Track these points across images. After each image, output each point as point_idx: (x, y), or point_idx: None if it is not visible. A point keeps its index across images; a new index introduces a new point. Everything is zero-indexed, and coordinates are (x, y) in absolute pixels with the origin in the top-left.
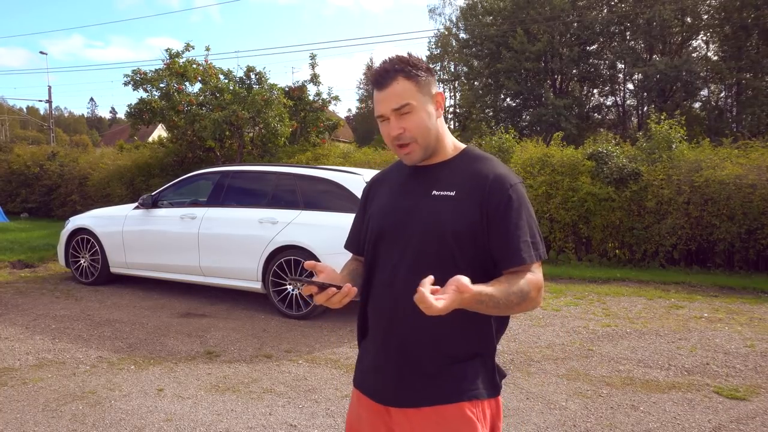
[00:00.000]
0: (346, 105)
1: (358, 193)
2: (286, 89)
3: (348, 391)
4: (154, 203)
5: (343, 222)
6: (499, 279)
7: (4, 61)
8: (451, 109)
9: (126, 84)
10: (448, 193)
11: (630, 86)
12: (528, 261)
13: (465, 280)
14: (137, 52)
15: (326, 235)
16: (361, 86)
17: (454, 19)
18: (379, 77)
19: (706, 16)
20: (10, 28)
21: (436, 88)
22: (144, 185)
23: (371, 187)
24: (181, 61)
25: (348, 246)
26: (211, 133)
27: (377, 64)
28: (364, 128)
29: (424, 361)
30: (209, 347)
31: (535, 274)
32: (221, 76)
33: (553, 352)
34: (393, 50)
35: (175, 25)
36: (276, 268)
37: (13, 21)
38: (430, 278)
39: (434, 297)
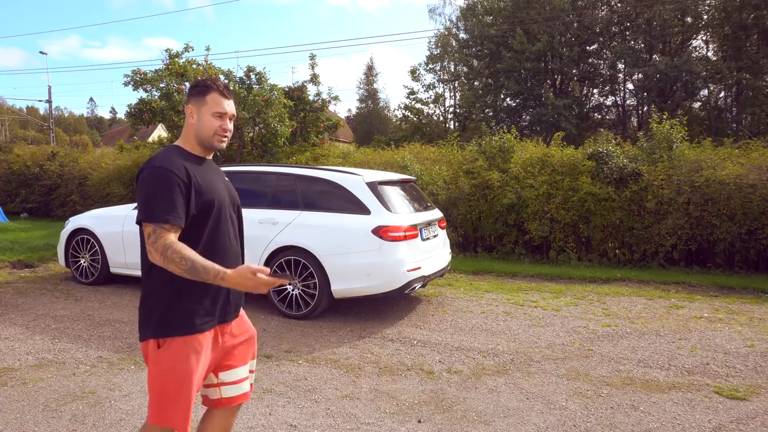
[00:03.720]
0: (345, 105)
1: (358, 193)
2: (286, 89)
3: (348, 391)
4: None
5: (343, 222)
6: None
7: (1, 61)
8: (451, 109)
9: (126, 84)
10: (227, 178)
11: (630, 86)
12: None
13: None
14: (135, 52)
15: (326, 235)
16: (362, 86)
17: (454, 19)
18: (227, 90)
19: (706, 16)
20: (6, 29)
21: None
22: None
23: (187, 171)
24: (181, 61)
25: (177, 219)
26: None
27: (218, 78)
28: (364, 128)
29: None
30: None
31: None
32: (221, 77)
33: (553, 352)
34: (393, 50)
35: (172, 25)
36: (276, 268)
37: (8, 21)
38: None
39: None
